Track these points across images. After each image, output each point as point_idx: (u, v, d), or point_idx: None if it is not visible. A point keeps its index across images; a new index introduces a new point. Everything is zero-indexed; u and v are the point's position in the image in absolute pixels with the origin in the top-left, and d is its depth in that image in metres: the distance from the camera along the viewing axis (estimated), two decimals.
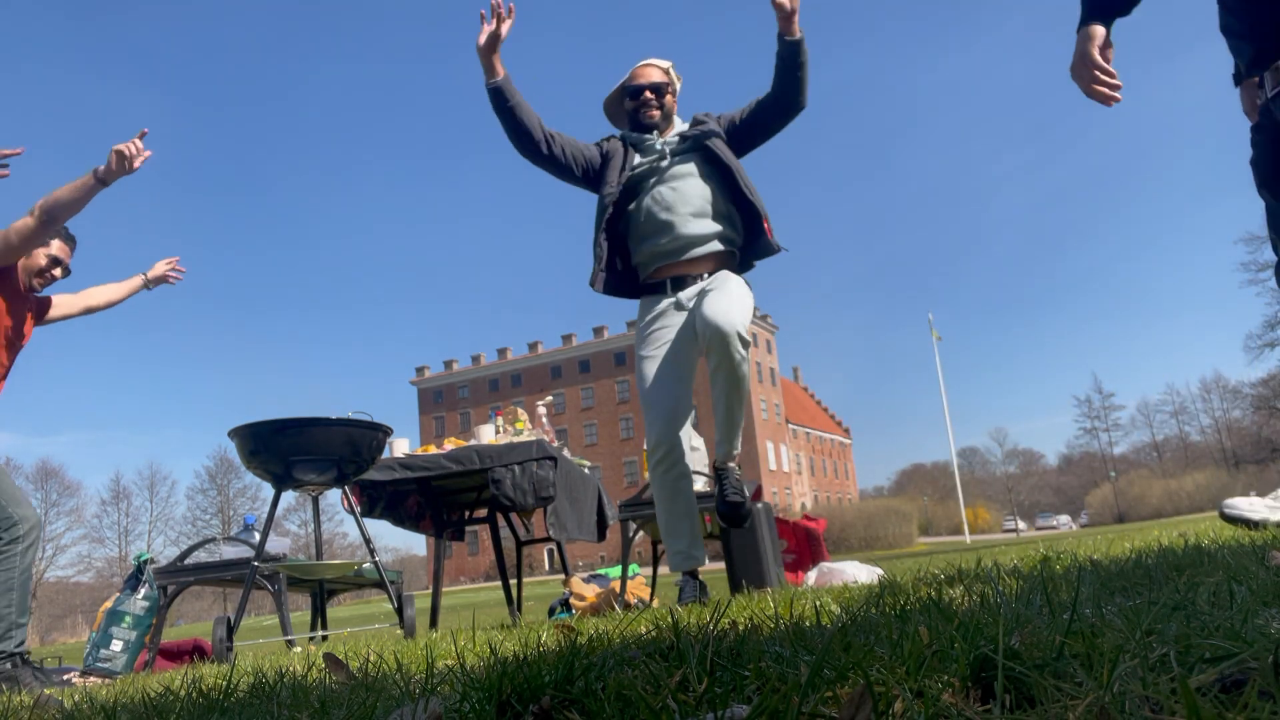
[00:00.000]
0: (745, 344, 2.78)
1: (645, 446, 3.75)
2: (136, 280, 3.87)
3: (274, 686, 1.25)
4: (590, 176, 3.13)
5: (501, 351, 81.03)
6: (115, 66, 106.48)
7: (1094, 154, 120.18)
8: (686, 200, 3.00)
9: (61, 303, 3.76)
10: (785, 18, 2.92)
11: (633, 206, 3.08)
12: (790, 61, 2.97)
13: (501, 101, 3.06)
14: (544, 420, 4.58)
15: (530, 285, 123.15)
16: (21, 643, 3.12)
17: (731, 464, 3.06)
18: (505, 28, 3.02)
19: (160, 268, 3.88)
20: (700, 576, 3.07)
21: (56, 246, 3.56)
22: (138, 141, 3.30)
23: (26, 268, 3.51)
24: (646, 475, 4.23)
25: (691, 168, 3.04)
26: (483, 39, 3.00)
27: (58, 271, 3.58)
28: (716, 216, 3.02)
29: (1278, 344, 54.16)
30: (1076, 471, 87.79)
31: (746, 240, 3.09)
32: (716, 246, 3.03)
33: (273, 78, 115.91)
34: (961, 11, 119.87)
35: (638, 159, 3.10)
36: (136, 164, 3.30)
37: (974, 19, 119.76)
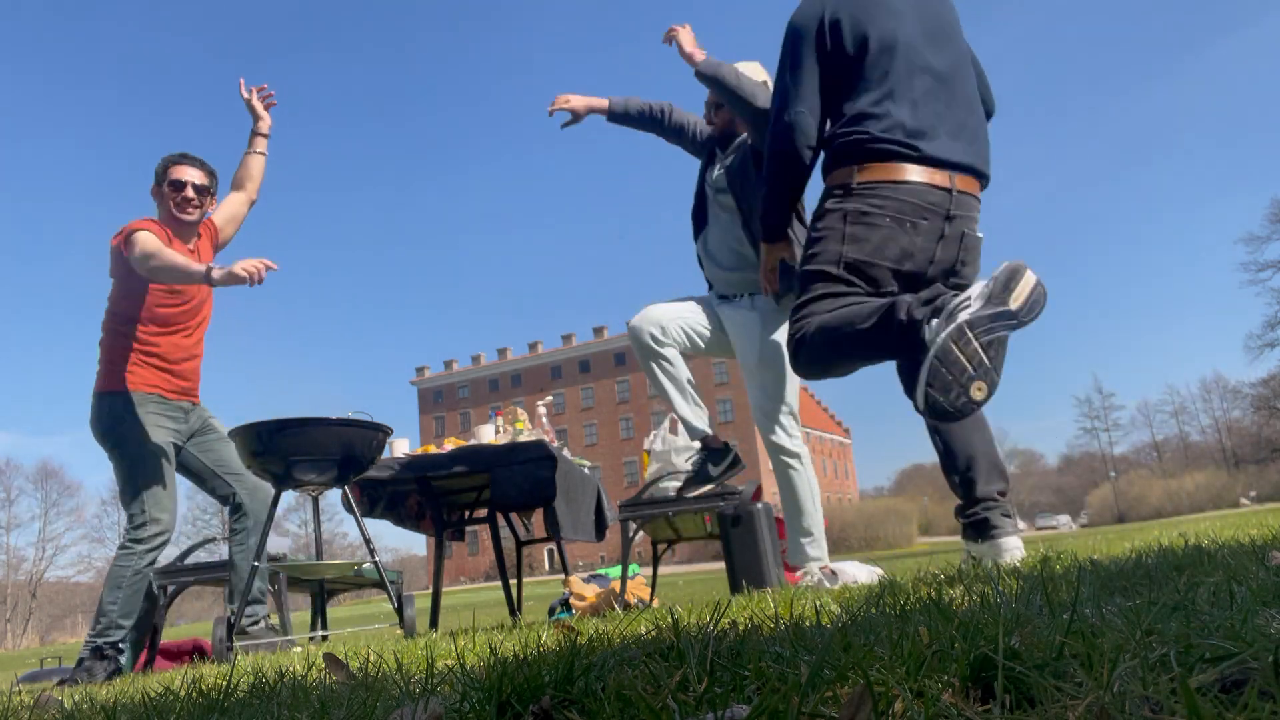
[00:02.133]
0: (788, 432, 3.15)
1: (645, 447, 3.83)
2: (258, 140, 3.76)
3: (274, 686, 1.25)
4: (698, 145, 3.50)
5: (501, 351, 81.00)
6: (115, 62, 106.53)
7: (1094, 154, 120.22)
8: (721, 247, 3.29)
9: (224, 216, 3.69)
10: (686, 57, 3.15)
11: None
12: (718, 92, 3.16)
13: (619, 123, 3.46)
14: (544, 420, 4.58)
15: (530, 285, 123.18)
16: (115, 642, 3.16)
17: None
18: (578, 109, 3.40)
19: (256, 104, 3.75)
20: (722, 445, 3.24)
21: (188, 172, 3.49)
22: (264, 264, 3.18)
23: (165, 206, 3.46)
24: (646, 475, 4.23)
25: (731, 207, 3.26)
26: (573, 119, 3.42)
27: (189, 191, 3.49)
28: (745, 264, 3.23)
29: (1278, 344, 54.16)
30: (1076, 471, 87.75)
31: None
32: (745, 287, 3.26)
33: (272, 76, 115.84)
34: (962, 12, 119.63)
35: (709, 172, 3.42)
36: (255, 282, 3.25)
37: (975, 19, 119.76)
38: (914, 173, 2.35)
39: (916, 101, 2.40)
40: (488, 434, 4.21)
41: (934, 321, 2.05)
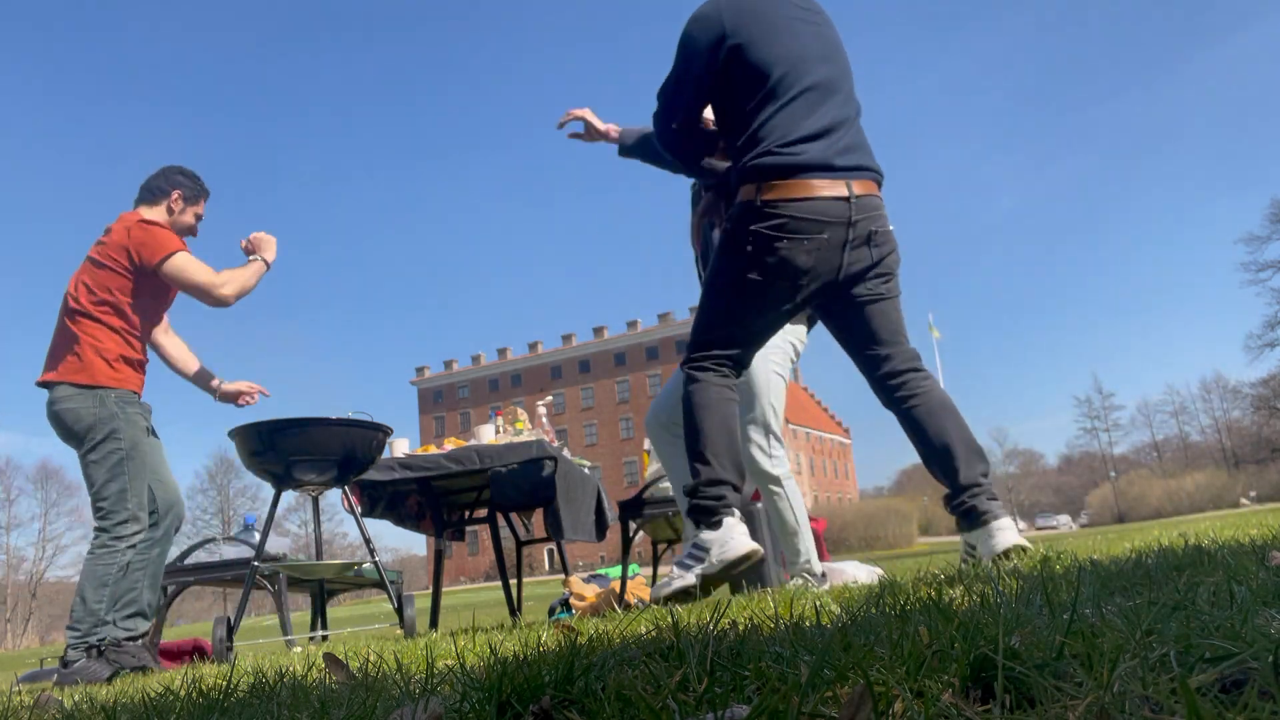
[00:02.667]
0: (766, 452, 3.09)
1: (645, 447, 3.83)
2: (210, 380, 3.81)
3: (274, 686, 1.25)
4: None
5: (501, 351, 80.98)
6: (116, 69, 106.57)
7: (1094, 154, 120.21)
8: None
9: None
10: (597, 136, 3.05)
11: None
12: (645, 158, 3.09)
13: (631, 156, 3.21)
14: (544, 420, 4.58)
15: (530, 285, 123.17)
16: (103, 639, 3.14)
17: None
18: (592, 123, 3.11)
19: (240, 385, 3.81)
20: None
21: (203, 206, 3.69)
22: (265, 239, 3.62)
23: (178, 225, 3.58)
24: (646, 475, 4.23)
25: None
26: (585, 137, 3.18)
27: (198, 227, 3.71)
28: None
29: (1278, 344, 54.21)
30: (1076, 471, 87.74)
31: None
32: None
33: (272, 76, 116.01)
34: (963, 11, 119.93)
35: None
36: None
37: (975, 19, 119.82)
38: (816, 187, 2.46)
39: (813, 114, 2.52)
40: (488, 434, 4.21)
41: (686, 560, 2.49)
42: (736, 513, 2.49)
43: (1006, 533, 2.38)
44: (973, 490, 2.48)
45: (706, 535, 2.46)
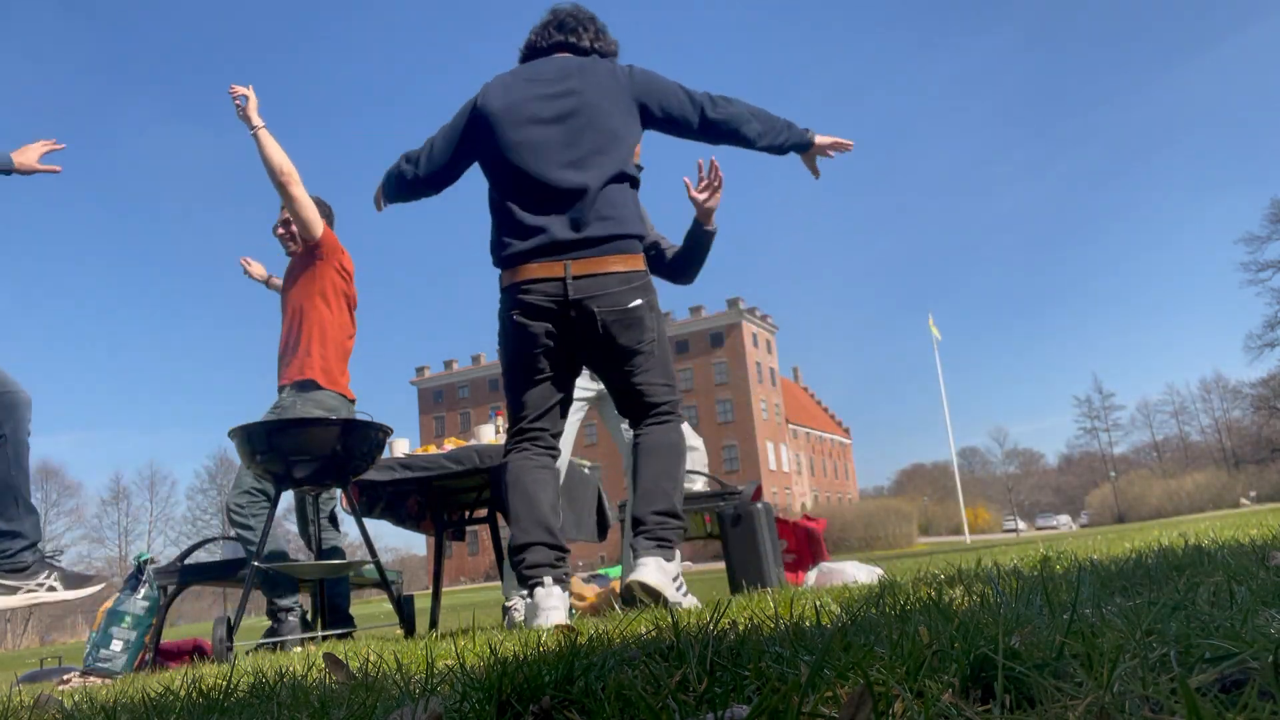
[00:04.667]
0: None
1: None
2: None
3: (274, 686, 1.25)
4: None
5: None
6: (113, 64, 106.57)
7: (1095, 153, 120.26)
8: None
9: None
10: (705, 213, 3.15)
11: None
12: (699, 249, 3.25)
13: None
14: None
15: None
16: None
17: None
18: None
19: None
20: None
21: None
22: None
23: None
24: None
25: None
26: None
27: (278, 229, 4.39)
28: None
29: (1278, 344, 54.23)
30: (1076, 471, 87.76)
31: None
32: None
33: (271, 74, 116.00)
34: (963, 10, 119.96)
35: None
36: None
37: (976, 17, 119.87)
38: (531, 271, 2.62)
39: (526, 198, 2.67)
40: (488, 434, 4.21)
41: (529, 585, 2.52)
42: (548, 579, 2.51)
43: (642, 570, 2.53)
44: (639, 525, 2.70)
45: (526, 601, 2.54)
